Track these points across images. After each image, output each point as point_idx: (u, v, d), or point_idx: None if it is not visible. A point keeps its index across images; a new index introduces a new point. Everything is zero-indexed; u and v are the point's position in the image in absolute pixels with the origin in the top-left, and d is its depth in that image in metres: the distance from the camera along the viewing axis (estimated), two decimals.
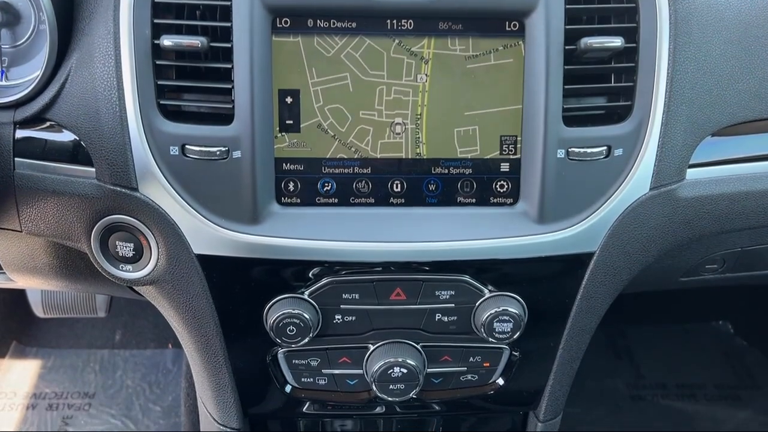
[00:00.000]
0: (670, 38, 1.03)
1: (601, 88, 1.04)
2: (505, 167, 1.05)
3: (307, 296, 1.07)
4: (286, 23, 0.99)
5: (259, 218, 1.02)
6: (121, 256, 1.07)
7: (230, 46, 0.97)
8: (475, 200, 1.06)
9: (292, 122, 1.02)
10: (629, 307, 2.22)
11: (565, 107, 1.01)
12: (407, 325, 1.11)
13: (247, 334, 1.11)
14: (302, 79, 1.00)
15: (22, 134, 1.04)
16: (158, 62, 0.98)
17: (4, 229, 1.12)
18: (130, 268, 1.08)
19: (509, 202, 1.06)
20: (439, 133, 1.03)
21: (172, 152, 0.99)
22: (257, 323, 1.08)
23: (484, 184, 1.05)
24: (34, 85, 1.02)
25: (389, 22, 0.99)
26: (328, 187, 1.04)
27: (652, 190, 1.06)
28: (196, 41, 0.96)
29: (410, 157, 1.04)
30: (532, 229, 1.04)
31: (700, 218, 1.12)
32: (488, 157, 1.04)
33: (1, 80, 1.04)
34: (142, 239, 1.05)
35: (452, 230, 1.04)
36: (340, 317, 1.09)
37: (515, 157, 1.04)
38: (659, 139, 1.04)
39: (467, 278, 1.07)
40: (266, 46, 0.98)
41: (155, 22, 0.97)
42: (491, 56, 1.01)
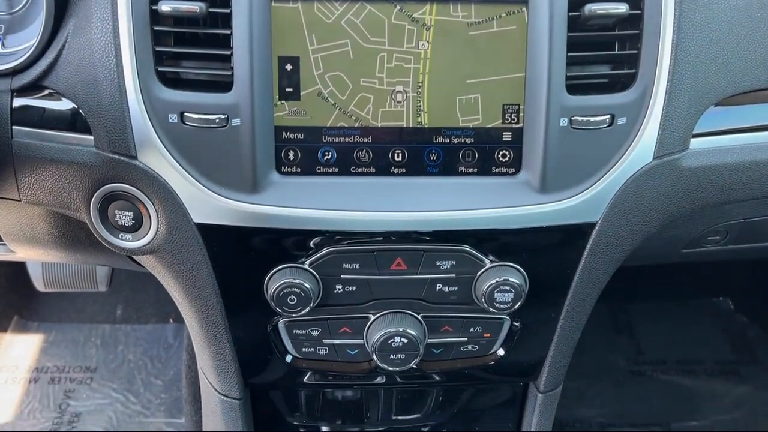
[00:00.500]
0: (675, 5, 1.01)
1: (604, 55, 1.03)
2: (507, 136, 1.04)
3: (307, 266, 1.06)
4: None
5: (258, 187, 1.01)
6: (120, 225, 1.06)
7: (229, 11, 0.96)
8: (476, 170, 1.05)
9: (291, 90, 1.00)
10: (630, 283, 2.22)
11: (568, 75, 1.00)
12: (408, 295, 1.10)
13: (247, 303, 1.11)
14: (302, 45, 0.99)
15: (19, 102, 1.03)
16: (156, 28, 0.97)
17: (3, 198, 1.11)
18: (129, 237, 1.07)
19: (511, 171, 1.05)
20: (440, 101, 1.02)
21: (170, 120, 0.98)
22: (258, 293, 1.08)
23: (485, 153, 1.04)
24: (30, 52, 1.01)
25: None
26: (328, 156, 1.04)
27: (655, 159, 1.05)
28: (194, 6, 0.95)
29: (411, 125, 1.03)
30: (534, 198, 1.04)
31: (703, 188, 1.11)
32: (490, 126, 1.03)
33: None
34: (141, 208, 1.05)
35: (453, 200, 1.04)
36: (340, 287, 1.08)
37: (518, 125, 1.03)
38: (663, 107, 1.03)
39: (468, 248, 1.07)
40: (265, 12, 0.96)
41: None
42: (494, 23, 0.99)
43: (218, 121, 0.97)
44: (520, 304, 1.09)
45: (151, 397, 2.19)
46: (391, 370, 1.14)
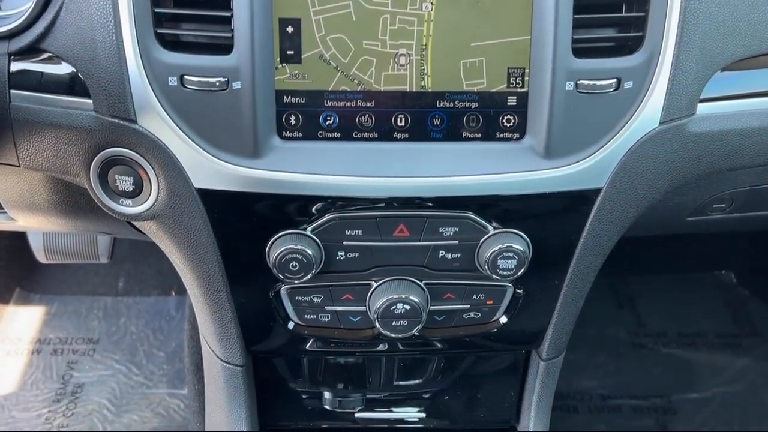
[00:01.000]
0: None
1: (611, 18, 1.01)
2: (512, 101, 1.02)
3: (309, 232, 1.06)
4: None
5: (260, 152, 1.00)
6: (120, 190, 1.05)
7: None
8: (480, 135, 1.03)
9: (293, 53, 0.99)
10: (631, 255, 2.22)
11: (574, 38, 0.98)
12: (410, 262, 1.10)
13: (249, 270, 1.11)
14: (303, 7, 0.97)
15: (17, 66, 1.02)
16: None
17: (2, 164, 1.10)
18: (130, 202, 1.07)
19: (516, 137, 1.04)
20: (444, 64, 1.00)
21: (170, 83, 0.97)
22: (260, 259, 1.08)
23: (490, 118, 1.03)
24: (27, 14, 0.99)
25: None
26: (330, 120, 1.02)
27: (661, 124, 1.03)
28: None
29: (415, 90, 1.01)
30: (538, 164, 1.03)
31: (710, 154, 1.10)
32: (495, 90, 1.02)
33: None
34: (141, 173, 1.03)
35: (457, 165, 1.03)
36: (342, 254, 1.08)
37: (523, 90, 1.02)
38: (670, 71, 1.01)
39: (471, 215, 1.06)
40: None
41: None
42: None
43: (218, 84, 0.96)
44: (523, 271, 1.08)
45: (153, 368, 2.20)
46: (393, 336, 1.14)
